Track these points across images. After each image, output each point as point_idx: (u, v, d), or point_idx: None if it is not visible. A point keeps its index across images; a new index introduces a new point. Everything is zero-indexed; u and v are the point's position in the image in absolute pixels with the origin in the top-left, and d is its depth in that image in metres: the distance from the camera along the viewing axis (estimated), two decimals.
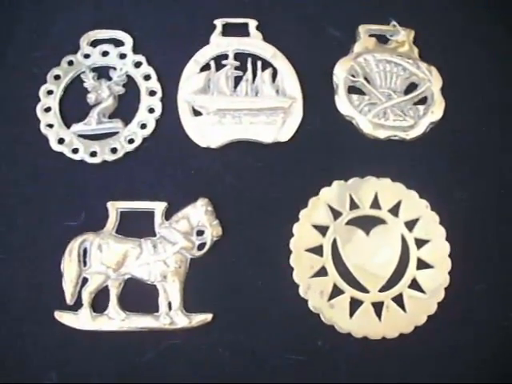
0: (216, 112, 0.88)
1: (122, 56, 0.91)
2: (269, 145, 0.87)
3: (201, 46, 0.91)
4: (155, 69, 0.90)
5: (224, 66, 0.91)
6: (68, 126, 0.88)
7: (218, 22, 0.92)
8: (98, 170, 0.86)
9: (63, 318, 0.80)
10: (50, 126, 0.87)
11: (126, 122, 0.88)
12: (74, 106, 0.89)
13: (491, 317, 0.82)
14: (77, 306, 0.80)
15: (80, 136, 0.87)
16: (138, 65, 0.90)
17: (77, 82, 0.90)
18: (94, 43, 0.92)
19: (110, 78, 0.90)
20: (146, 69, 0.90)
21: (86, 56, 0.91)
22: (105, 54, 0.91)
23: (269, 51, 0.91)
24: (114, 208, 0.83)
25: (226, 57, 0.91)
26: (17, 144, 0.88)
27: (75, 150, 0.86)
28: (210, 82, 0.90)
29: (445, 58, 0.92)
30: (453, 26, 0.94)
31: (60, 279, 0.81)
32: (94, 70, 0.90)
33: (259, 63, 0.91)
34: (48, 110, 0.88)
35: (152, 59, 0.91)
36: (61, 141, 0.87)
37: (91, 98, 0.88)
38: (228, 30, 0.92)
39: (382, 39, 0.93)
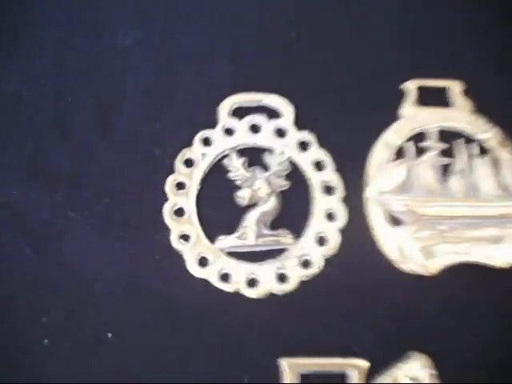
0: (425, 220, 0.61)
1: (281, 132, 0.64)
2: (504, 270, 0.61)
3: (390, 121, 0.65)
4: (330, 152, 0.63)
5: (422, 150, 0.64)
6: (211, 238, 0.60)
7: (412, 85, 0.66)
8: (261, 306, 0.59)
9: None
10: (185, 237, 0.60)
11: (296, 233, 0.61)
12: (217, 207, 0.62)
13: None
14: None
15: (230, 254, 0.60)
16: (303, 146, 0.64)
17: (217, 170, 0.63)
18: (238, 113, 0.64)
19: (266, 167, 0.63)
20: (317, 153, 0.63)
21: (229, 131, 0.63)
22: (255, 128, 0.64)
23: (481, 127, 0.65)
24: (291, 368, 0.56)
25: (423, 135, 0.65)
26: (134, 263, 0.60)
27: (225, 277, 0.59)
28: (409, 173, 0.63)
29: None
30: None
31: None
32: (242, 152, 0.63)
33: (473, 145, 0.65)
34: (180, 212, 0.61)
35: (323, 138, 0.64)
36: (203, 261, 0.60)
37: (244, 196, 0.61)
38: (424, 98, 0.66)
39: None
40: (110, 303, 0.59)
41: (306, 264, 0.60)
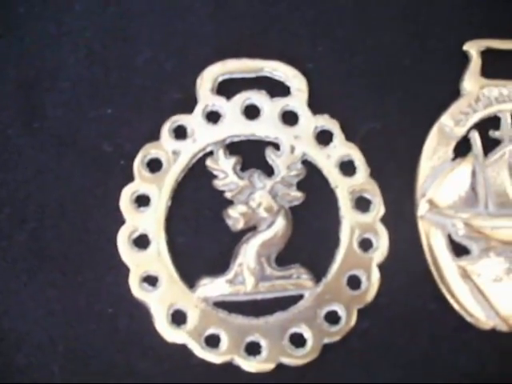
0: (500, 248, 0.42)
1: (289, 118, 0.43)
2: None
3: (447, 99, 0.45)
4: (363, 147, 0.43)
5: (494, 142, 0.45)
6: (190, 282, 0.41)
7: (476, 47, 0.46)
8: None
9: None
10: (151, 280, 0.41)
11: (317, 272, 0.41)
12: (197, 233, 0.42)
13: None
14: None
15: (219, 306, 0.41)
16: (323, 138, 0.43)
17: (197, 176, 0.43)
18: (227, 88, 0.44)
19: (268, 170, 0.42)
20: (343, 148, 0.42)
21: (213, 117, 0.43)
22: (251, 112, 0.43)
23: None
24: None
25: (494, 121, 0.45)
26: (76, 319, 0.41)
27: (211, 341, 0.40)
28: (475, 178, 0.44)
29: None
30: None
31: None
32: (233, 148, 0.43)
33: None
34: (143, 242, 0.41)
35: (351, 125, 0.43)
36: (178, 317, 0.40)
37: (237, 217, 0.41)
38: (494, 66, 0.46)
39: None
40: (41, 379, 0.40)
41: (331, 319, 0.41)
